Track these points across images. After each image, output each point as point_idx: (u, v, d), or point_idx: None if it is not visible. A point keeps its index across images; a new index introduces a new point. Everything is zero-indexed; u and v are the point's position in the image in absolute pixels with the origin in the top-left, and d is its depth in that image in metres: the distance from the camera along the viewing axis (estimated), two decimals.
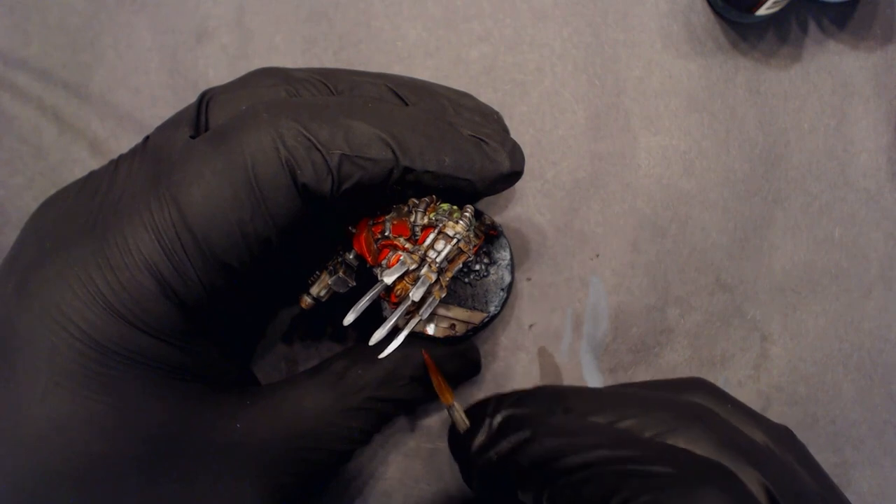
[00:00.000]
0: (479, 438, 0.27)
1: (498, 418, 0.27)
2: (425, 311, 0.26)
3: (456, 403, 0.29)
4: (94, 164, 0.34)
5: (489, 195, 0.28)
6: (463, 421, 0.28)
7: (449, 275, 0.27)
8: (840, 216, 0.37)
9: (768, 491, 0.23)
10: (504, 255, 0.32)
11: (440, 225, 0.26)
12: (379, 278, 0.25)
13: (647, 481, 0.22)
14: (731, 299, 0.36)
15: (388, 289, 0.25)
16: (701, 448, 0.24)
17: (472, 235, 0.27)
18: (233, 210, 0.23)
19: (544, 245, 0.36)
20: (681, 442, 0.24)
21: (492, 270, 0.32)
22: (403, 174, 0.25)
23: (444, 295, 0.27)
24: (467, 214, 0.26)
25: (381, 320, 0.26)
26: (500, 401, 0.28)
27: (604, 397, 0.27)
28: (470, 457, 0.27)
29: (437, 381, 0.29)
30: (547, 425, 0.26)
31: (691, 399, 0.27)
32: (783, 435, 0.27)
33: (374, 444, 0.34)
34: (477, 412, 0.28)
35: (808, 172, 0.37)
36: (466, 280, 0.32)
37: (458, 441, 0.28)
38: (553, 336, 0.36)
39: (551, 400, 0.27)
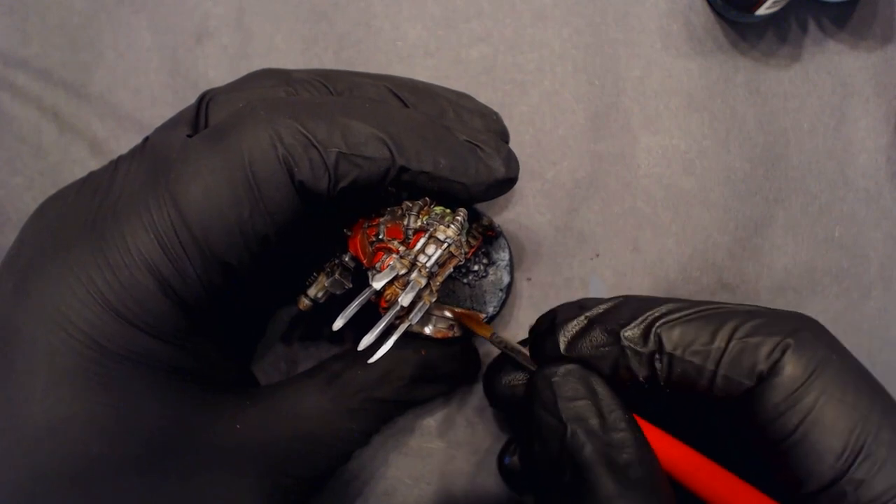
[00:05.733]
0: (562, 342, 0.27)
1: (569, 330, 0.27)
2: (415, 316, 0.26)
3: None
4: (94, 164, 0.34)
5: (483, 201, 0.28)
6: (524, 351, 0.28)
7: (440, 279, 0.27)
8: (840, 216, 0.37)
9: None
10: (503, 256, 0.32)
11: (431, 229, 0.26)
12: (370, 281, 0.25)
13: (750, 315, 0.24)
14: (733, 299, 0.36)
15: (378, 293, 0.25)
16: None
17: (463, 240, 0.26)
18: (231, 208, 0.23)
19: (544, 245, 0.36)
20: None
21: (490, 271, 0.32)
22: (399, 174, 0.25)
23: (434, 299, 0.26)
24: (459, 218, 0.26)
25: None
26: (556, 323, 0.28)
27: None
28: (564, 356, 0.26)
29: (475, 326, 0.29)
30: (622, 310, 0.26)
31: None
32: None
33: (374, 444, 0.34)
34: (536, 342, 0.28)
35: (808, 172, 0.37)
36: (465, 281, 0.32)
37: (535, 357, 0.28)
38: None
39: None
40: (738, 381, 0.23)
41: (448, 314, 0.30)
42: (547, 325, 0.28)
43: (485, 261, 0.32)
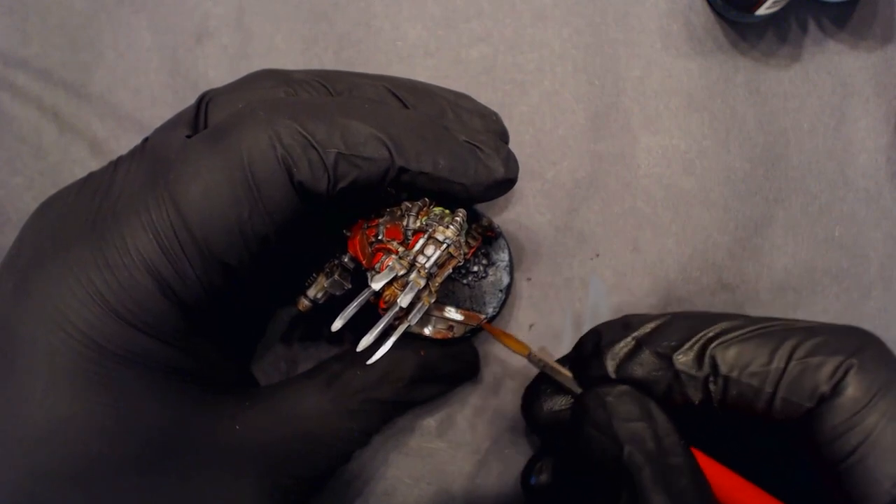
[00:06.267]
0: (610, 364, 0.26)
1: (622, 349, 0.26)
2: (414, 317, 0.26)
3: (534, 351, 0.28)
4: (94, 164, 0.34)
5: (482, 201, 0.28)
6: (565, 372, 0.28)
7: (439, 280, 0.27)
8: (840, 216, 0.37)
9: None
10: (503, 257, 0.32)
11: (430, 230, 0.26)
12: (369, 282, 0.25)
13: (809, 332, 0.24)
14: (733, 299, 0.36)
15: (377, 294, 0.25)
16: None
17: (462, 240, 0.26)
18: (230, 208, 0.23)
19: (544, 245, 0.36)
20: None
21: (490, 272, 0.32)
22: (398, 175, 0.25)
23: (433, 300, 0.26)
24: (458, 219, 0.26)
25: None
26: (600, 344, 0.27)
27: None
28: (609, 377, 0.26)
29: (511, 343, 0.29)
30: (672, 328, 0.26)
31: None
32: None
33: (374, 444, 0.34)
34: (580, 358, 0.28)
35: (808, 172, 0.37)
36: (465, 281, 0.32)
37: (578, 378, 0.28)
38: (553, 336, 0.35)
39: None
40: (798, 403, 0.23)
41: (461, 318, 0.30)
42: (591, 348, 0.27)
43: (484, 261, 0.32)
